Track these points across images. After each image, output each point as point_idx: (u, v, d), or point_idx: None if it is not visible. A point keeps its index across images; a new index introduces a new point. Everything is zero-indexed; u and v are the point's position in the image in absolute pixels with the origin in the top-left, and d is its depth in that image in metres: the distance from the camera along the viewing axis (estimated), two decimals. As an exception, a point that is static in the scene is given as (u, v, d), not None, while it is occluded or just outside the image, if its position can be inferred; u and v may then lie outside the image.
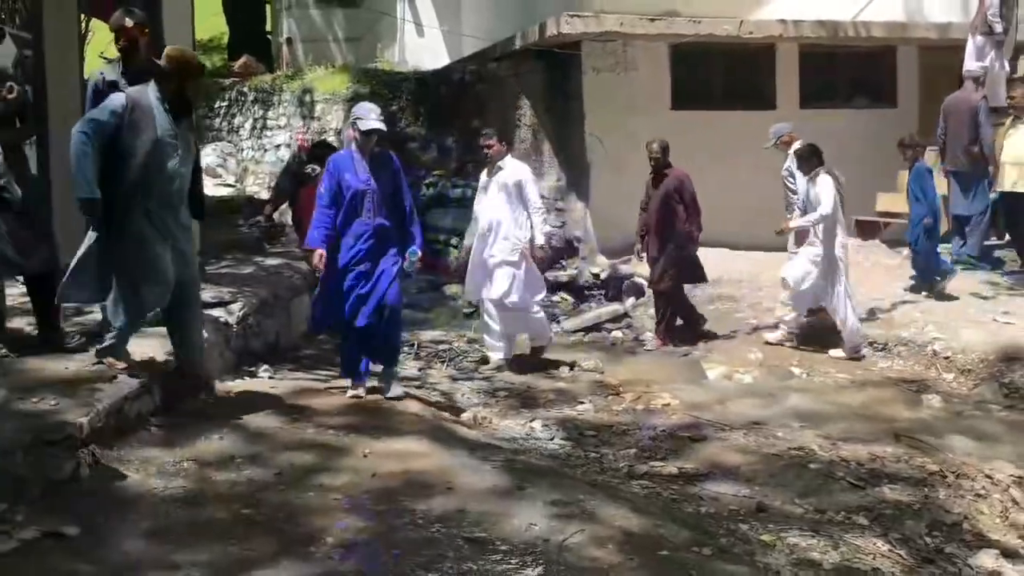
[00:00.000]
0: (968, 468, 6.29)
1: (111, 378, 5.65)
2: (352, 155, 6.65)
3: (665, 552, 4.51)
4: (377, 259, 6.58)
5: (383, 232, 6.59)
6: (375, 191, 6.56)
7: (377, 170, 6.63)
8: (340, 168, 6.61)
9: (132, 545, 4.22)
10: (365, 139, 6.58)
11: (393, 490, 4.99)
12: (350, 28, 18.58)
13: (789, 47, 12.21)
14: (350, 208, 6.54)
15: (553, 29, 11.16)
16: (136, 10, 6.46)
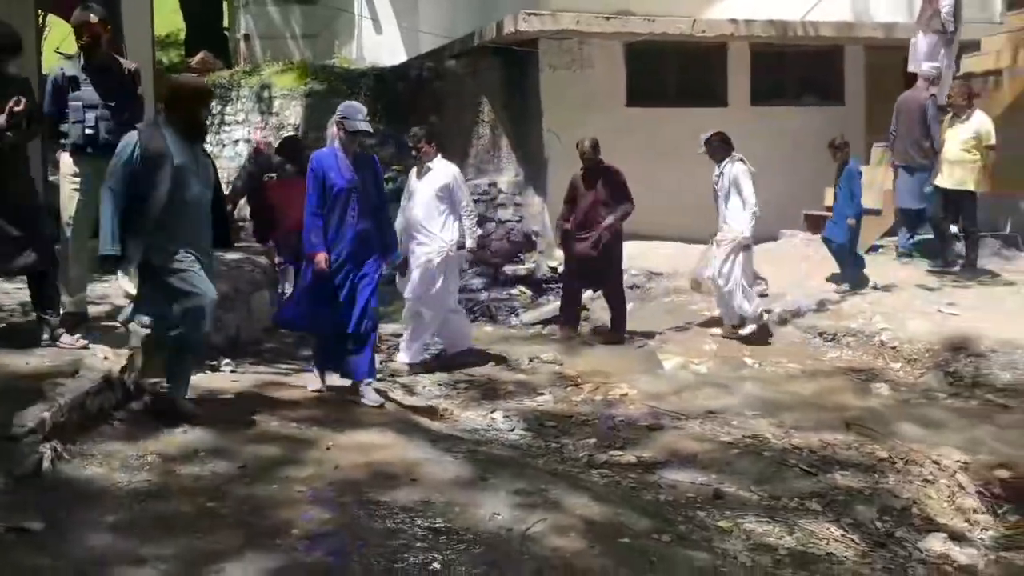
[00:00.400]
0: (916, 455, 6.38)
1: (73, 373, 5.55)
2: (336, 154, 6.47)
3: (626, 539, 4.53)
4: (360, 262, 6.43)
5: (365, 234, 6.44)
6: (359, 191, 6.42)
7: (360, 170, 6.48)
8: (324, 167, 6.44)
9: (97, 539, 4.15)
10: (350, 139, 6.43)
11: (357, 482, 4.96)
12: (307, 25, 18.43)
13: (740, 46, 12.31)
14: (333, 208, 6.40)
15: (511, 27, 11.15)
16: (97, 6, 6.34)
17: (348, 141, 6.44)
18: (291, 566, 4.00)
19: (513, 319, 10.19)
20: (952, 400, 7.73)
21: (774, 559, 4.70)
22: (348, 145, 6.46)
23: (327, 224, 6.40)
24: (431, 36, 14.19)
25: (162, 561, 3.97)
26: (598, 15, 11.31)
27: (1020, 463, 6.52)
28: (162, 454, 5.12)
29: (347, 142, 6.45)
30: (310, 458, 5.28)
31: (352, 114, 6.43)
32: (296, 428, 5.76)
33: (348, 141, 6.44)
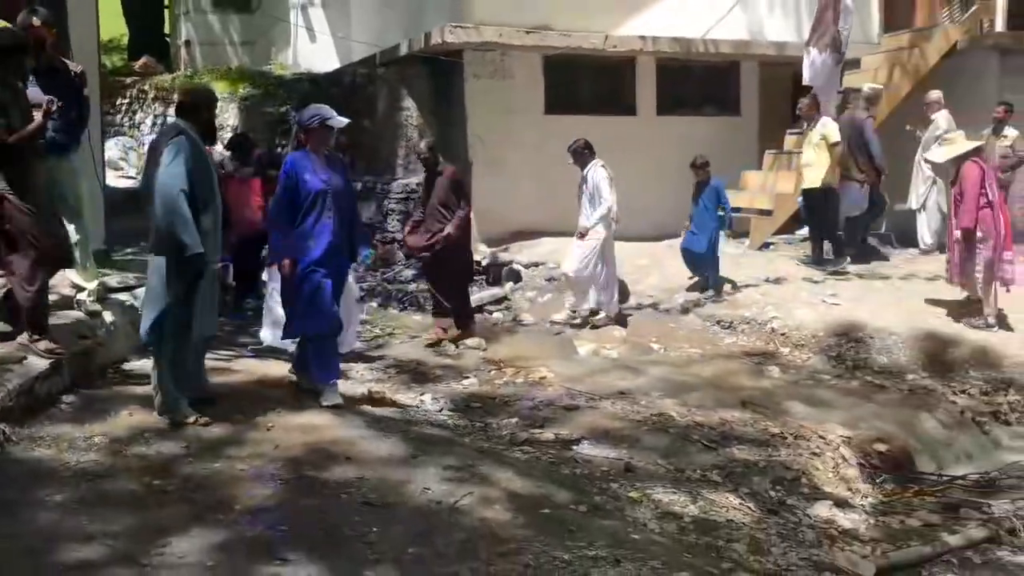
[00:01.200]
0: (805, 430, 6.52)
1: (20, 359, 5.37)
2: (308, 155, 5.95)
3: (547, 510, 4.54)
4: (336, 263, 6.01)
5: (341, 233, 5.96)
6: (335, 191, 5.93)
7: (333, 170, 6.03)
8: (298, 168, 5.89)
9: (46, 518, 4.02)
10: (324, 138, 5.96)
11: (296, 460, 4.88)
12: (245, 32, 18.06)
13: (648, 60, 12.41)
14: (309, 209, 5.86)
15: (438, 38, 11.08)
16: (42, 9, 6.11)
17: (321, 141, 5.94)
18: (234, 540, 3.93)
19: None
20: (836, 381, 7.92)
21: (680, 526, 4.77)
22: (320, 146, 5.97)
23: (302, 227, 5.87)
24: (363, 45, 14.01)
25: (110, 538, 3.86)
26: (519, 29, 11.30)
27: (896, 437, 6.73)
28: (109, 435, 4.98)
29: (319, 142, 5.95)
30: (251, 438, 5.19)
31: (329, 112, 5.95)
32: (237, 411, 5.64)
33: (321, 141, 5.94)
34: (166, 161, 5.15)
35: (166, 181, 5.11)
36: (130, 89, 15.87)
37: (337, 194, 5.95)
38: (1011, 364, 8.06)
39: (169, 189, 5.10)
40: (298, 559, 3.80)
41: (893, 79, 11.76)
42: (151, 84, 15.62)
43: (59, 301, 6.33)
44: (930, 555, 5.00)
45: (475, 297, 10.32)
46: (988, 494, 5.99)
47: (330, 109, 6.01)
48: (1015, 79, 11.79)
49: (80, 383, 5.66)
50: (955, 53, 12.04)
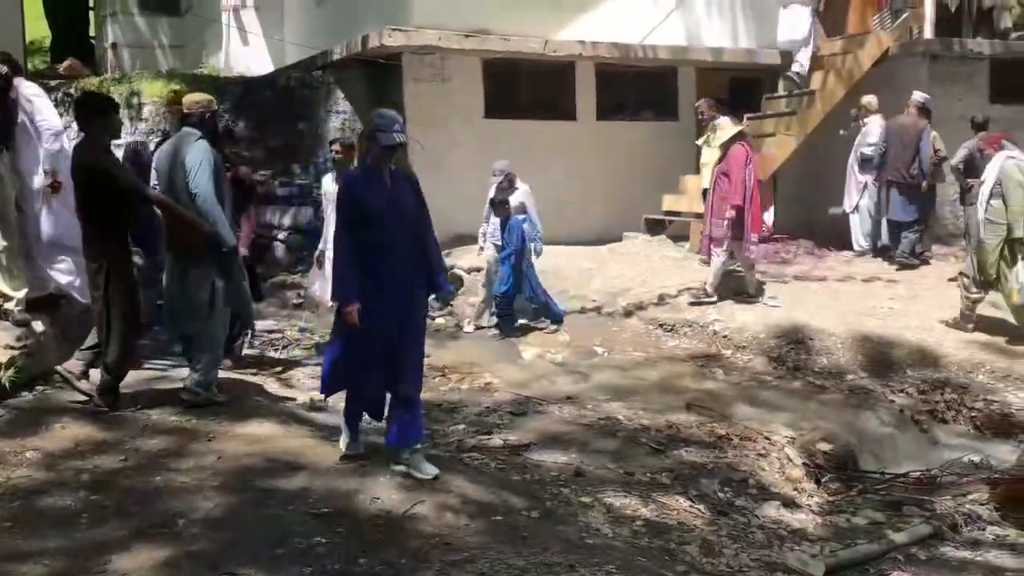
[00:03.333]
0: (750, 432, 6.59)
1: (-55, 373, 5.16)
2: (370, 172, 4.97)
3: (499, 517, 4.51)
4: (404, 301, 4.95)
5: (409, 266, 4.96)
6: (400, 214, 4.95)
7: (399, 189, 5.00)
8: (357, 188, 4.94)
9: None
10: (385, 155, 4.92)
11: (240, 471, 4.78)
12: (175, 36, 17.73)
13: (587, 65, 12.47)
14: (370, 236, 4.87)
15: (376, 41, 10.98)
16: None
17: (383, 157, 4.92)
18: (179, 555, 3.82)
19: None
20: (778, 382, 8.02)
21: (632, 529, 4.77)
22: (383, 161, 4.95)
23: (365, 255, 4.88)
24: (297, 47, 13.85)
25: (47, 556, 3.73)
26: (458, 33, 11.26)
27: (839, 437, 6.84)
28: (42, 449, 4.82)
29: (381, 158, 4.93)
30: (192, 450, 5.06)
31: (385, 125, 4.91)
32: (176, 421, 5.51)
33: (383, 157, 4.92)
34: (195, 165, 5.72)
35: (200, 183, 5.71)
36: (55, 92, 15.39)
37: (404, 216, 4.95)
38: (947, 363, 8.25)
39: (203, 191, 5.71)
40: (246, 573, 3.70)
41: (827, 84, 11.99)
42: (76, 87, 15.19)
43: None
44: (877, 552, 5.09)
45: (417, 303, 10.27)
46: (930, 491, 6.11)
47: (389, 120, 4.93)
48: (943, 84, 12.14)
49: (9, 395, 5.46)
50: (887, 59, 12.34)
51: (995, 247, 8.39)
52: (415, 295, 5.02)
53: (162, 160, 6.00)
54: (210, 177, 5.73)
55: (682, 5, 12.50)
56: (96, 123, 5.64)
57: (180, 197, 5.75)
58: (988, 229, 8.44)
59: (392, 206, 4.90)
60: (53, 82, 15.72)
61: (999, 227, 8.34)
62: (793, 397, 7.60)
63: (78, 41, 18.67)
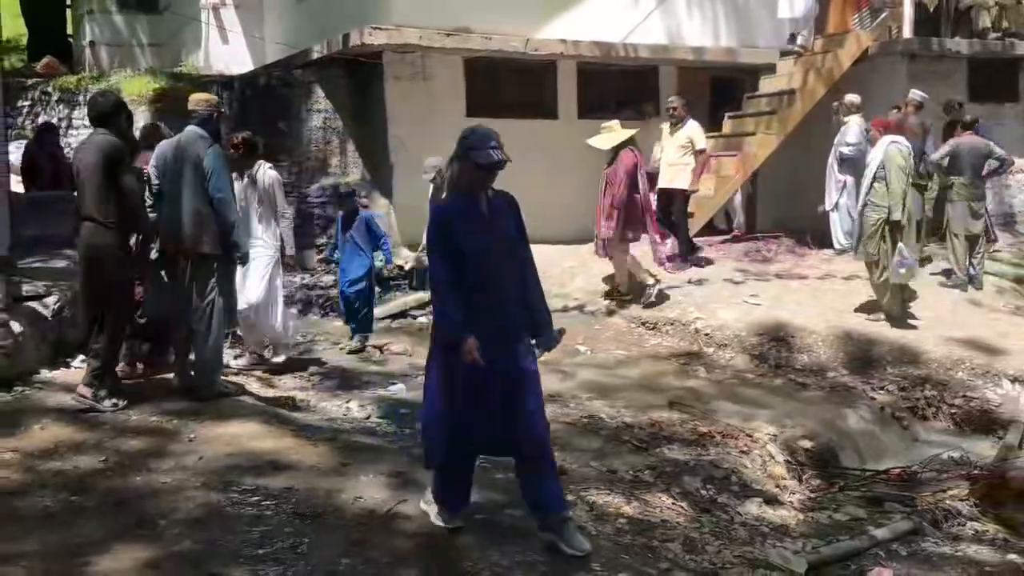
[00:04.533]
0: (732, 429, 6.62)
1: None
2: (465, 201, 4.22)
3: (482, 516, 4.51)
4: (511, 348, 4.21)
5: (514, 307, 4.26)
6: (502, 248, 4.24)
7: (500, 220, 4.27)
8: (450, 219, 4.21)
9: (-45, 539, 3.82)
10: (483, 178, 4.19)
11: (221, 471, 4.75)
12: (154, 34, 17.57)
13: (569, 64, 12.48)
14: (467, 275, 4.18)
15: (357, 40, 10.95)
16: None
17: (480, 180, 4.20)
18: (161, 556, 3.80)
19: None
20: (760, 380, 8.06)
21: (616, 527, 4.78)
22: (480, 185, 4.23)
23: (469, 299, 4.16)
24: (277, 47, 13.78)
25: (26, 558, 3.69)
26: (439, 31, 11.23)
27: (820, 434, 6.88)
28: (21, 450, 4.78)
29: (478, 181, 4.21)
30: (173, 450, 5.03)
31: (479, 142, 4.19)
32: (156, 421, 5.48)
33: (480, 180, 4.20)
34: (213, 168, 5.94)
35: (222, 187, 5.97)
36: (32, 91, 15.26)
37: (507, 250, 4.26)
38: (926, 360, 8.32)
39: (226, 195, 6.01)
40: (230, 573, 3.69)
41: (808, 83, 12.06)
42: (54, 86, 15.05)
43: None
44: (858, 548, 5.13)
45: (399, 301, 10.25)
46: (910, 487, 6.16)
47: (483, 137, 4.22)
48: (922, 83, 12.21)
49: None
50: (866, 58, 12.42)
51: (873, 227, 8.76)
52: (523, 339, 4.27)
53: (166, 157, 6.12)
54: (228, 181, 6.09)
55: (663, 4, 12.53)
56: (114, 121, 5.80)
57: (187, 194, 5.96)
58: (869, 210, 8.83)
59: (493, 240, 4.17)
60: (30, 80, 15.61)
61: (881, 209, 8.70)
62: (775, 394, 7.64)
63: (55, 39, 18.46)
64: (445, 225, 4.22)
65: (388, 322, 9.81)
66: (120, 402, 5.68)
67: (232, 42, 15.91)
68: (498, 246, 4.22)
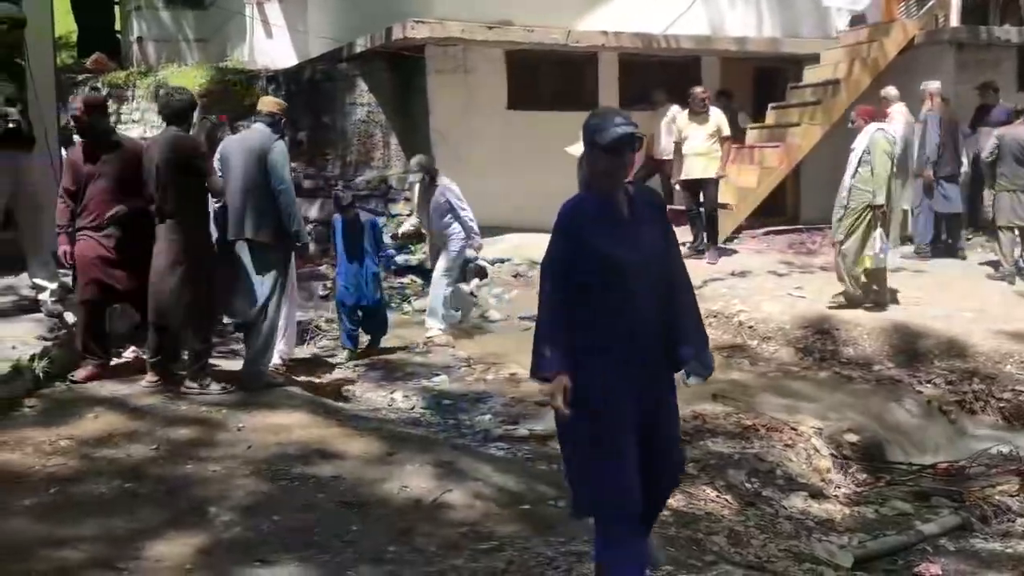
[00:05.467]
0: (777, 422, 6.55)
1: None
2: (598, 202, 3.41)
3: (527, 506, 4.53)
4: (647, 389, 3.41)
5: (655, 338, 3.42)
6: (645, 261, 3.39)
7: (644, 226, 3.44)
8: (578, 224, 3.38)
9: (16, 524, 3.93)
10: (614, 166, 3.34)
11: (269, 460, 4.82)
12: (199, 29, 17.79)
13: (610, 55, 12.43)
14: (599, 296, 3.35)
15: (399, 34, 11.00)
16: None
17: (612, 171, 3.35)
18: (212, 542, 3.86)
19: (406, 306, 10.06)
20: (805, 373, 7.98)
21: (661, 519, 4.75)
22: (614, 179, 3.38)
23: (592, 323, 3.36)
24: (321, 41, 13.88)
25: (83, 543, 3.78)
26: (481, 24, 11.26)
27: (865, 428, 6.79)
28: (76, 438, 4.87)
29: (611, 173, 3.36)
30: (222, 439, 5.11)
31: (602, 123, 3.34)
32: (206, 411, 5.56)
33: (612, 171, 3.35)
34: (280, 163, 6.17)
35: (288, 182, 6.21)
36: (82, 87, 15.52)
37: (651, 262, 3.40)
38: (974, 354, 8.17)
39: (289, 188, 6.21)
40: (278, 560, 3.74)
41: (853, 73, 11.89)
42: (104, 81, 15.30)
43: (19, 303, 6.18)
44: (906, 543, 5.07)
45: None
46: (958, 482, 6.07)
47: (606, 114, 3.46)
48: (970, 72, 12.01)
49: (43, 385, 5.53)
50: (912, 47, 12.22)
51: (856, 212, 8.75)
52: (664, 375, 3.51)
53: (234, 151, 6.36)
54: (290, 176, 6.32)
55: (705, -6, 12.45)
56: (188, 119, 5.99)
57: (251, 187, 6.17)
58: (854, 195, 8.81)
59: (634, 249, 3.35)
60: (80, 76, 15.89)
61: (865, 194, 8.69)
62: (820, 388, 7.55)
63: (104, 35, 18.77)
64: (572, 229, 3.36)
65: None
66: (229, 386, 5.94)
67: (276, 36, 16.05)
68: (641, 257, 3.35)
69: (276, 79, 13.43)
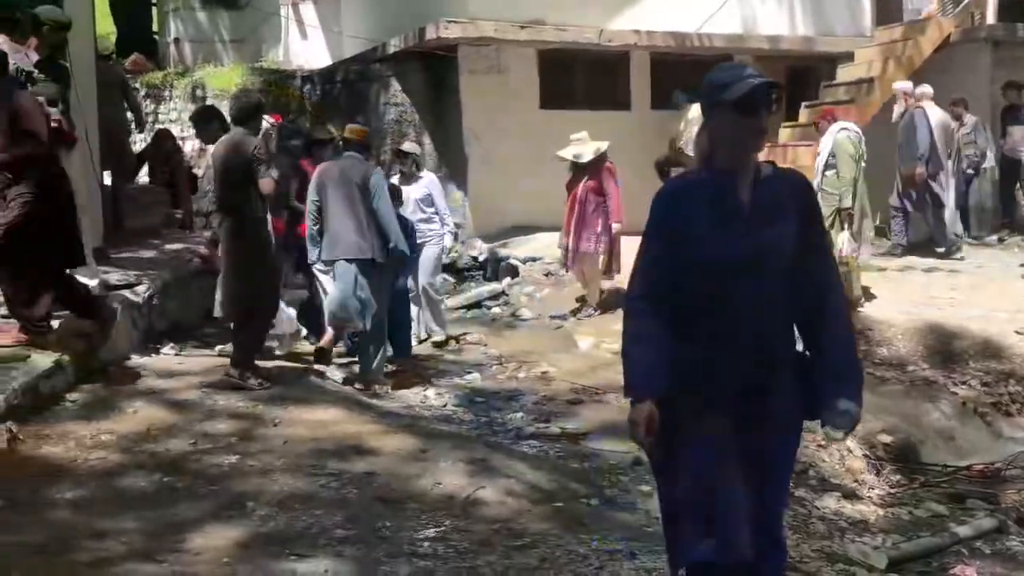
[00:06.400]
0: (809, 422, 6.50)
1: (24, 358, 5.32)
2: (711, 183, 2.79)
3: (560, 504, 4.54)
4: (763, 422, 2.81)
5: (775, 358, 2.82)
6: (767, 266, 2.74)
7: (771, 216, 2.75)
8: (680, 215, 2.78)
9: (57, 516, 3.99)
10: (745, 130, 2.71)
11: (306, 455, 4.86)
12: (235, 29, 17.97)
13: (642, 55, 12.40)
14: (704, 299, 2.78)
15: (433, 34, 11.04)
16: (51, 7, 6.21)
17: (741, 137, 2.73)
18: (250, 535, 3.90)
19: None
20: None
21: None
22: (740, 149, 2.75)
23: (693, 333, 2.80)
24: (355, 41, 13.96)
25: (123, 535, 3.83)
26: (514, 24, 11.28)
27: (899, 429, 6.74)
28: (116, 432, 4.94)
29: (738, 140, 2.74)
30: (259, 434, 5.16)
31: (729, 76, 2.77)
32: (243, 406, 5.61)
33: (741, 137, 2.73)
34: (381, 186, 6.79)
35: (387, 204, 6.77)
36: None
37: (768, 269, 2.73)
38: (1010, 355, 8.06)
39: (389, 209, 6.78)
40: (314, 554, 3.77)
41: (887, 71, 11.76)
42: (142, 82, 15.50)
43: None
44: (940, 545, 5.01)
45: (473, 292, 10.32)
46: (994, 484, 6.01)
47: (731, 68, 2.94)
48: (1006, 70, 11.84)
49: (84, 380, 5.61)
50: (948, 45, 12.07)
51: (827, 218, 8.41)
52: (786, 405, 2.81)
53: (333, 178, 6.79)
54: (389, 197, 6.87)
55: (738, -7, 12.37)
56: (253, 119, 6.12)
57: (353, 209, 6.66)
58: (822, 199, 8.45)
59: (754, 247, 2.67)
60: (119, 77, 16.04)
61: (832, 197, 8.45)
62: (853, 388, 7.48)
63: (142, 37, 19.00)
64: (670, 222, 2.73)
65: (463, 312, 9.90)
66: (266, 383, 6.01)
67: (311, 37, 16.17)
68: (761, 258, 2.67)
69: (311, 79, 13.55)
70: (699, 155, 2.84)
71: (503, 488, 4.61)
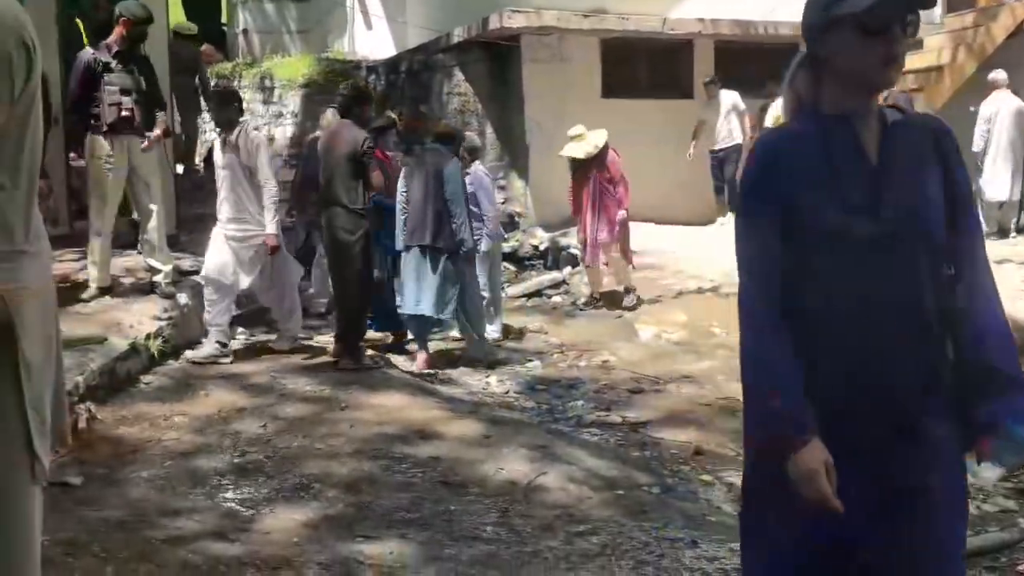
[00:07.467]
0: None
1: (101, 340, 5.47)
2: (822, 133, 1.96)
3: (620, 491, 4.53)
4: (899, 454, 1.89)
5: (936, 376, 1.93)
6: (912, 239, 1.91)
7: (908, 174, 1.94)
8: (785, 177, 1.95)
9: (133, 493, 4.10)
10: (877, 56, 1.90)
11: (371, 439, 4.93)
12: (301, 20, 18.20)
13: (705, 43, 12.24)
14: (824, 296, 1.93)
15: (496, 23, 11.04)
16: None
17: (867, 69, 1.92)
18: (318, 517, 3.97)
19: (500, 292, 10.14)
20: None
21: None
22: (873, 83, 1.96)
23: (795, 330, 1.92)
24: (419, 31, 14.02)
25: (196, 513, 3.92)
26: (576, 13, 11.22)
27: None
28: (189, 414, 5.07)
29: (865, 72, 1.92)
30: (326, 418, 5.24)
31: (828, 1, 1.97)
32: (311, 391, 5.71)
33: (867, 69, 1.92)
34: (455, 177, 6.89)
35: (460, 192, 6.89)
36: (192, 78, 16.02)
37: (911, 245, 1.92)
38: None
39: (461, 199, 6.90)
40: (379, 536, 3.82)
41: (957, 59, 11.47)
42: (212, 72, 15.78)
43: (136, 284, 6.44)
44: (1009, 541, 4.88)
45: (534, 281, 10.33)
46: (1065, 480, 5.83)
47: None
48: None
49: (158, 363, 5.76)
50: (1021, 31, 11.71)
51: None
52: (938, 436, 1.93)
53: (417, 167, 7.01)
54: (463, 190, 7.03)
55: (805, -20, 12.12)
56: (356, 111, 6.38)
57: (431, 199, 6.83)
58: None
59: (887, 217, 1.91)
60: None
61: None
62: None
63: (212, 28, 19.36)
64: (773, 189, 1.96)
65: (524, 301, 9.91)
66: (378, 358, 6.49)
67: (375, 27, 16.29)
68: (901, 229, 1.92)
69: (376, 69, 13.65)
70: (793, 101, 2.08)
71: (565, 475, 4.62)
